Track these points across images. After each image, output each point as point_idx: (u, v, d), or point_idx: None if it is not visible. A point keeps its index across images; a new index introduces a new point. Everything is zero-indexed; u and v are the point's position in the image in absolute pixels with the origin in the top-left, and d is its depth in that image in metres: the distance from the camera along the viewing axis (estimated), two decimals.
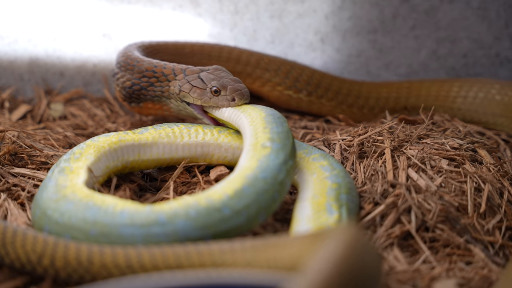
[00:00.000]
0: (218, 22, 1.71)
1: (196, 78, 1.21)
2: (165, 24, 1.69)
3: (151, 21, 1.69)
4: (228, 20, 1.71)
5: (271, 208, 0.96)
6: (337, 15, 1.71)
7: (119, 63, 1.33)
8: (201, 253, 0.84)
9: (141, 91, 1.28)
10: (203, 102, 1.20)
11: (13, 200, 1.07)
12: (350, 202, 1.03)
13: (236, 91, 1.17)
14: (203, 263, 0.84)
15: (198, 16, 1.70)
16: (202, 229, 0.90)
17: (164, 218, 0.90)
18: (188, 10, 1.69)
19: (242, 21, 1.71)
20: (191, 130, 1.16)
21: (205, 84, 1.20)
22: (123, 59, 1.32)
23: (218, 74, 1.22)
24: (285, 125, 1.08)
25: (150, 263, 0.84)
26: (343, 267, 0.72)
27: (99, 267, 0.85)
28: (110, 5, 1.67)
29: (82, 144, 1.11)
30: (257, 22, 1.71)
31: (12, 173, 1.14)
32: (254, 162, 0.99)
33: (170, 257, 0.84)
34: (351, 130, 1.39)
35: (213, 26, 1.71)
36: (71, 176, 1.01)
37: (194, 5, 1.69)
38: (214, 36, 1.70)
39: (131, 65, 1.29)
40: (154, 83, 1.26)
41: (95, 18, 1.67)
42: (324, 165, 1.10)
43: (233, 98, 1.17)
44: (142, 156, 1.14)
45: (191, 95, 1.20)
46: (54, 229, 0.94)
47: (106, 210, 0.92)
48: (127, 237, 0.89)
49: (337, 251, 0.74)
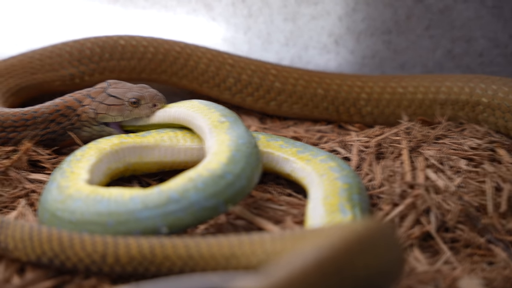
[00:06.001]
0: (231, 25, 1.71)
1: (106, 97, 1.20)
2: (179, 28, 1.70)
3: (165, 26, 1.69)
4: (241, 24, 1.71)
5: (260, 168, 1.05)
6: (350, 16, 1.70)
7: (13, 128, 1.21)
8: (253, 242, 0.88)
9: (51, 136, 1.22)
10: (125, 117, 1.19)
11: (29, 206, 1.08)
12: (362, 202, 1.03)
13: (154, 96, 1.19)
14: (254, 251, 0.88)
15: (212, 20, 1.70)
16: (214, 197, 0.95)
17: (176, 195, 0.94)
18: (202, 14, 1.70)
19: (255, 24, 1.71)
20: (194, 135, 1.16)
21: (120, 99, 1.19)
22: (15, 122, 1.21)
23: (123, 86, 1.21)
24: (216, 104, 1.16)
25: (208, 252, 0.88)
26: (322, 265, 0.73)
27: (162, 259, 0.88)
28: (124, 10, 1.67)
29: (84, 146, 1.12)
30: (270, 25, 1.71)
31: (29, 179, 1.14)
32: (225, 135, 1.06)
33: (224, 246, 0.88)
34: (368, 131, 1.39)
35: (226, 30, 1.71)
36: (72, 177, 1.02)
37: (208, 9, 1.69)
38: (228, 39, 1.70)
39: (30, 120, 1.20)
40: (61, 121, 1.21)
41: (109, 23, 1.67)
42: (333, 166, 1.09)
43: (153, 104, 1.18)
44: (144, 158, 1.14)
45: (110, 114, 1.19)
46: (69, 229, 0.95)
47: (116, 200, 0.94)
48: (145, 220, 0.92)
49: (327, 246, 0.75)
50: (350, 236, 0.78)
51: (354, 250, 0.76)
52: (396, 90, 1.48)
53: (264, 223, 1.02)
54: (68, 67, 1.47)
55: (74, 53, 1.48)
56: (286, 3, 1.70)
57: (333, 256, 0.74)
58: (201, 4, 1.69)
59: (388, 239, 0.81)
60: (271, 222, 1.03)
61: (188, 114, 1.15)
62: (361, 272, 0.76)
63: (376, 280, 0.78)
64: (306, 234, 0.88)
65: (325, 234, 0.86)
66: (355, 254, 0.76)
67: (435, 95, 1.45)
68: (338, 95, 1.49)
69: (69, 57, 1.47)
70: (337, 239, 0.77)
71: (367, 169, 1.19)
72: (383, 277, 0.79)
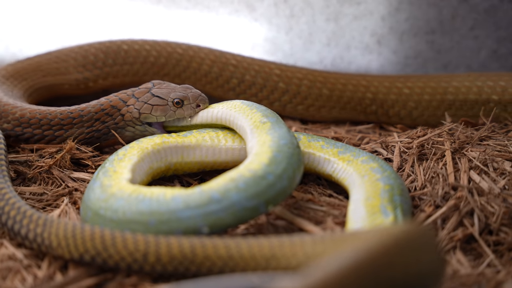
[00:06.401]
0: (273, 26, 1.71)
1: (151, 97, 1.20)
2: (221, 29, 1.70)
3: (208, 27, 1.70)
4: (283, 24, 1.71)
5: (301, 169, 1.04)
6: (394, 16, 1.69)
7: (60, 126, 1.23)
8: (293, 243, 0.88)
9: (96, 134, 1.23)
10: (168, 117, 1.20)
11: (72, 204, 1.09)
12: (404, 204, 1.02)
13: (198, 97, 1.19)
14: (295, 253, 0.87)
15: (254, 21, 1.70)
16: (255, 198, 0.95)
17: (217, 195, 0.94)
18: (244, 15, 1.70)
19: (297, 25, 1.71)
20: (235, 135, 1.16)
21: (164, 99, 1.19)
22: (63, 120, 1.23)
23: (167, 86, 1.22)
24: (258, 104, 1.16)
25: (249, 253, 0.88)
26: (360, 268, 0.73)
27: (203, 258, 0.88)
28: (167, 10, 1.68)
29: (126, 146, 1.13)
30: (312, 25, 1.71)
31: (72, 177, 1.16)
32: (266, 136, 1.06)
33: (265, 247, 0.88)
34: (410, 132, 1.37)
35: (268, 30, 1.71)
36: (115, 176, 1.03)
37: (250, 9, 1.70)
38: (270, 40, 1.70)
39: (76, 118, 1.22)
40: (106, 120, 1.22)
41: (152, 23, 1.68)
42: (374, 167, 1.09)
43: (197, 104, 1.19)
44: (185, 158, 1.14)
45: (154, 114, 1.20)
46: (111, 227, 0.96)
47: (158, 199, 0.95)
48: (186, 220, 0.93)
49: (365, 250, 0.75)
50: (387, 239, 0.77)
51: (391, 253, 0.76)
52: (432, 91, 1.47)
53: (305, 224, 1.02)
54: (74, 72, 1.48)
55: (78, 58, 1.49)
56: (328, 3, 1.69)
57: (370, 259, 0.74)
58: (243, 5, 1.70)
59: (427, 242, 0.80)
60: (312, 223, 1.03)
61: (230, 115, 1.15)
62: (398, 275, 0.76)
63: (414, 284, 0.77)
64: (346, 237, 0.88)
65: (364, 237, 0.85)
66: (392, 257, 0.76)
67: (477, 96, 1.44)
68: (354, 95, 1.49)
69: (74, 62, 1.49)
70: (374, 242, 0.76)
71: (409, 170, 1.18)
72: (421, 280, 0.78)
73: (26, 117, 1.21)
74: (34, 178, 1.15)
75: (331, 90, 1.49)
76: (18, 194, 1.09)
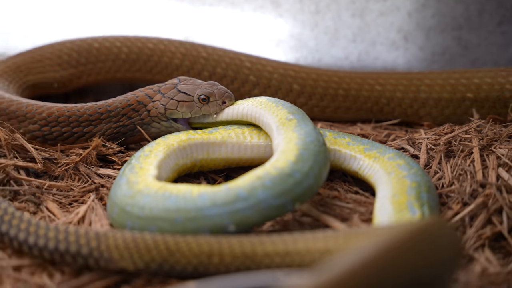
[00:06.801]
0: (298, 22, 1.70)
1: (177, 93, 1.20)
2: (246, 25, 1.70)
3: (232, 23, 1.69)
4: (308, 20, 1.70)
5: (327, 167, 1.03)
6: (420, 12, 1.68)
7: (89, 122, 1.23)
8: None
9: (122, 130, 1.23)
10: (193, 113, 1.19)
11: (99, 200, 1.09)
12: (431, 201, 1.01)
13: (223, 94, 1.19)
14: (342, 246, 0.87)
15: (279, 17, 1.70)
16: (281, 196, 0.95)
17: (244, 193, 0.94)
18: (269, 11, 1.70)
19: (323, 21, 1.70)
20: (260, 132, 1.16)
21: (190, 95, 1.19)
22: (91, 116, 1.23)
23: (194, 83, 1.22)
24: (284, 101, 1.15)
25: (305, 248, 0.88)
26: (375, 264, 0.73)
27: (263, 256, 0.88)
28: (192, 7, 1.68)
29: (152, 142, 1.13)
30: (338, 21, 1.70)
31: (98, 174, 1.16)
32: (293, 133, 1.06)
33: (309, 240, 0.88)
34: (437, 129, 1.36)
35: (293, 26, 1.70)
36: (141, 173, 1.04)
37: (275, 5, 1.69)
38: (295, 36, 1.70)
39: (104, 113, 1.22)
40: (132, 115, 1.22)
41: (176, 20, 1.68)
42: (401, 164, 1.08)
43: (223, 101, 1.19)
44: (211, 154, 1.15)
45: (179, 110, 1.19)
46: (137, 224, 0.96)
47: (184, 196, 0.95)
48: (213, 218, 0.93)
49: (383, 245, 0.75)
50: (400, 234, 0.77)
51: (404, 249, 0.76)
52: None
53: (331, 221, 1.02)
54: (51, 71, 1.48)
55: (54, 58, 1.49)
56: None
57: (378, 256, 0.74)
58: (268, 1, 1.69)
59: (441, 237, 0.80)
60: (338, 220, 1.03)
61: (255, 111, 1.15)
62: (409, 272, 0.75)
63: (428, 276, 0.77)
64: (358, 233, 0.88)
65: (375, 234, 0.85)
66: (404, 253, 0.76)
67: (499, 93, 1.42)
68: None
69: (50, 62, 1.49)
70: (385, 238, 0.76)
71: (436, 167, 1.18)
72: (436, 273, 0.78)
73: (54, 115, 1.21)
74: (61, 175, 1.15)
75: (346, 90, 1.48)
76: (45, 189, 1.10)
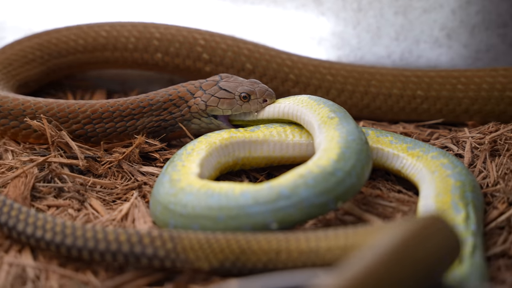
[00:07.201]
0: (341, 20, 1.69)
1: (218, 90, 1.21)
2: (288, 23, 1.70)
3: (274, 21, 1.69)
4: (351, 18, 1.69)
5: (370, 165, 1.03)
6: (464, 9, 1.66)
7: (131, 116, 1.24)
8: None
9: (163, 124, 1.24)
10: (234, 111, 1.20)
11: (141, 198, 1.10)
12: (475, 200, 1.00)
13: (265, 92, 1.19)
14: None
15: (321, 15, 1.69)
16: (324, 194, 0.95)
17: (286, 191, 0.94)
18: (311, 9, 1.69)
19: (365, 19, 1.69)
20: (302, 130, 1.15)
21: (231, 93, 1.19)
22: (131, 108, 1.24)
23: (235, 80, 1.22)
24: (325, 99, 1.15)
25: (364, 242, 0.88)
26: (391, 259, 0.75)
27: (325, 251, 0.88)
28: (234, 5, 1.69)
29: (195, 140, 1.14)
30: (380, 19, 1.69)
31: (141, 172, 1.17)
32: (334, 131, 1.05)
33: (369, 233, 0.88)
34: (482, 127, 1.35)
35: (336, 24, 1.70)
36: (184, 171, 1.04)
37: (317, 4, 1.69)
38: (337, 34, 1.69)
39: (147, 107, 1.23)
40: (173, 110, 1.23)
41: (219, 18, 1.69)
42: (445, 163, 1.07)
43: (264, 99, 1.19)
44: (252, 153, 1.15)
45: (220, 107, 1.20)
46: (180, 222, 0.97)
47: (227, 194, 0.95)
48: (256, 216, 0.93)
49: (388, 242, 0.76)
50: (405, 231, 0.78)
51: (412, 244, 0.77)
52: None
53: (373, 220, 1.01)
54: (23, 72, 1.49)
55: (19, 59, 1.49)
56: None
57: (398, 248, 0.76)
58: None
59: (441, 229, 0.81)
60: (381, 218, 1.02)
61: (297, 110, 1.15)
62: (420, 265, 0.77)
63: (435, 270, 0.78)
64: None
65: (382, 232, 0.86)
66: (413, 248, 0.77)
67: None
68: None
69: (20, 59, 1.49)
70: (392, 236, 0.78)
71: (481, 166, 1.16)
72: (440, 266, 0.79)
73: (98, 112, 1.22)
74: (104, 173, 1.17)
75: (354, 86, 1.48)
76: (89, 187, 1.11)
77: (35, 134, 1.21)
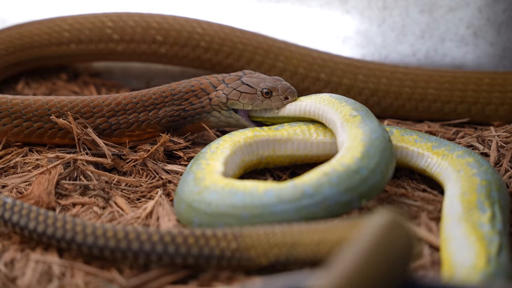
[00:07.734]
0: (366, 18, 1.69)
1: (240, 84, 1.21)
2: (313, 22, 1.69)
3: (299, 19, 1.69)
4: (376, 16, 1.69)
5: (393, 163, 1.03)
6: (491, 7, 1.64)
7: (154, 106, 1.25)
8: None
9: (183, 114, 1.24)
10: (254, 106, 1.20)
11: (166, 196, 1.11)
12: (501, 200, 0.99)
13: (287, 89, 1.19)
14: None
15: (346, 13, 1.69)
16: (348, 192, 0.95)
17: (310, 190, 0.94)
18: (336, 7, 1.69)
19: (390, 17, 1.68)
20: (326, 129, 1.15)
21: (253, 88, 1.20)
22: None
23: (258, 76, 1.22)
24: (347, 97, 1.14)
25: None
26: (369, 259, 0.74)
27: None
28: (259, 3, 1.69)
29: (219, 139, 1.14)
30: (406, 17, 1.68)
31: (165, 170, 1.18)
32: (358, 129, 1.05)
33: None
34: (508, 126, 1.33)
35: (361, 22, 1.69)
36: (208, 169, 1.04)
37: (342, 2, 1.68)
38: (362, 32, 1.69)
39: (169, 97, 1.24)
40: (194, 101, 1.24)
41: (244, 16, 1.69)
42: (470, 162, 1.06)
43: (285, 97, 1.19)
44: (277, 151, 1.15)
45: (241, 101, 1.20)
46: (204, 220, 0.97)
47: (251, 193, 0.96)
48: (280, 214, 0.94)
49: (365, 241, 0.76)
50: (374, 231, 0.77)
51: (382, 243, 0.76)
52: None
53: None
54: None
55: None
56: None
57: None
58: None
59: (400, 226, 0.79)
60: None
61: (318, 108, 1.14)
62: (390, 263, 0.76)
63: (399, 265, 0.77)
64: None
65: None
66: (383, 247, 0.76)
67: None
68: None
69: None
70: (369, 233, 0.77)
71: (507, 165, 1.15)
72: (403, 261, 0.78)
73: (122, 104, 1.23)
74: (129, 171, 1.17)
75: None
76: (114, 185, 1.12)
77: (60, 133, 1.22)
